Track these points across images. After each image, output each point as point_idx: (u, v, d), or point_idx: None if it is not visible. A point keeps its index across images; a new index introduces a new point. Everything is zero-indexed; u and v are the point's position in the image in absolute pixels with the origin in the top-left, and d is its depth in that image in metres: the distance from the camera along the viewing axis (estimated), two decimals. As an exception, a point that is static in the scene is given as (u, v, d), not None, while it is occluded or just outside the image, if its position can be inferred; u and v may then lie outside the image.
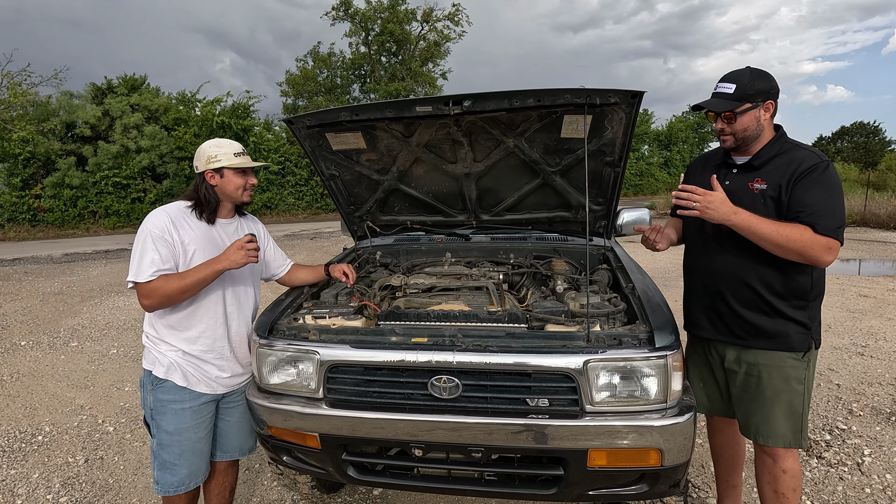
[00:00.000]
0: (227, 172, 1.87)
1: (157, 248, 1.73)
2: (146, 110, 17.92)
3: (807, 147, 1.76)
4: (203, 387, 1.85)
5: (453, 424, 1.65)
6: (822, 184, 1.65)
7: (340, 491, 2.54)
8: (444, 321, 1.88)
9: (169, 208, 1.84)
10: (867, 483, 2.52)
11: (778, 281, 1.74)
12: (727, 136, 1.78)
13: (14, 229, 15.88)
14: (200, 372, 1.84)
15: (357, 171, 2.67)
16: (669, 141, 30.17)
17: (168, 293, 1.71)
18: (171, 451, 1.81)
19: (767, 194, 1.72)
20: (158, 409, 1.81)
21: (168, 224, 1.77)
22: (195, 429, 1.84)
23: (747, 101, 1.71)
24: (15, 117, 15.63)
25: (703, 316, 1.93)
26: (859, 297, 6.10)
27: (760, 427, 1.81)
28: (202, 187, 1.87)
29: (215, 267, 1.75)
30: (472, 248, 2.93)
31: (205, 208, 1.87)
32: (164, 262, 1.73)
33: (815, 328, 1.79)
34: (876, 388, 3.61)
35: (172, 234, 1.76)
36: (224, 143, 1.90)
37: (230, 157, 1.86)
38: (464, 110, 2.09)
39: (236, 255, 1.75)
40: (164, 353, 1.81)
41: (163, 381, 1.80)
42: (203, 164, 1.87)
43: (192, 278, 1.73)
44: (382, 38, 23.94)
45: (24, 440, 3.15)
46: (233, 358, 1.92)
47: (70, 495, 2.58)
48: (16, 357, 4.69)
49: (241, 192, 1.91)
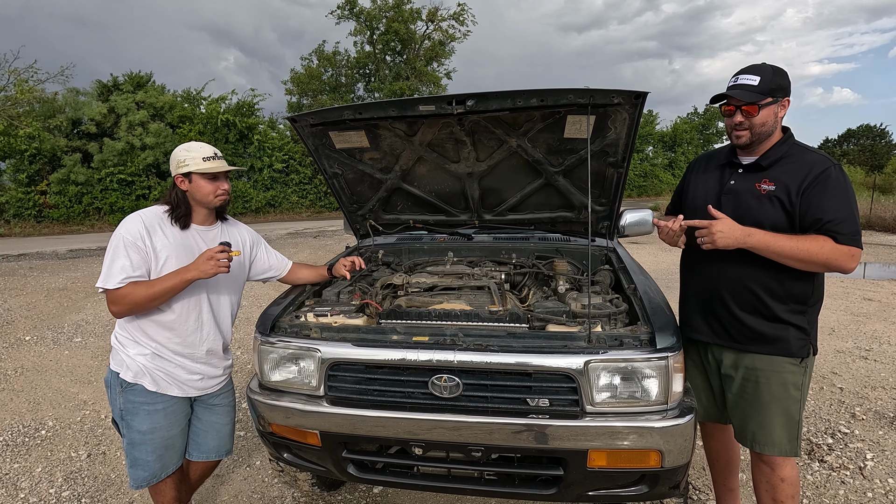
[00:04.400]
0: (196, 178, 1.83)
1: (128, 254, 1.71)
2: (151, 108, 17.99)
3: (815, 150, 1.72)
4: (175, 390, 1.84)
5: (453, 423, 1.65)
6: (838, 189, 1.61)
7: (341, 489, 2.54)
8: (446, 320, 1.88)
9: (145, 213, 1.81)
10: (869, 487, 2.51)
11: (779, 285, 1.71)
12: (743, 132, 1.71)
13: (20, 225, 15.98)
14: (170, 376, 1.83)
15: (360, 170, 2.68)
16: (674, 142, 30.11)
17: (136, 301, 1.69)
18: (143, 448, 1.81)
19: (775, 195, 1.68)
20: (130, 410, 1.80)
21: (142, 230, 1.75)
22: (169, 427, 1.85)
23: (769, 95, 1.67)
24: (21, 114, 15.72)
25: (700, 319, 1.90)
26: (864, 301, 6.06)
27: (757, 434, 1.78)
28: (173, 192, 1.84)
29: (184, 276, 1.72)
30: (475, 247, 2.93)
31: (176, 213, 1.83)
32: (135, 268, 1.71)
33: (814, 334, 1.77)
34: (879, 391, 3.59)
35: (145, 239, 1.74)
36: (194, 146, 1.85)
37: (198, 162, 1.81)
38: (467, 110, 2.09)
39: (205, 265, 1.71)
40: (133, 356, 1.79)
41: (132, 384, 1.79)
42: (174, 168, 1.84)
43: (161, 287, 1.70)
44: (387, 37, 23.97)
45: (28, 435, 3.17)
46: (205, 362, 1.91)
47: (73, 489, 2.60)
48: (20, 352, 4.72)
49: (211, 198, 1.86)
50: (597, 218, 2.64)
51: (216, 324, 1.94)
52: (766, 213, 1.68)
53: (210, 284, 1.87)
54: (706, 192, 1.86)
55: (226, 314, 1.99)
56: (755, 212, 1.70)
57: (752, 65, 1.73)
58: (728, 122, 1.77)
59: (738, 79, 1.72)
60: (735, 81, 1.72)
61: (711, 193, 1.84)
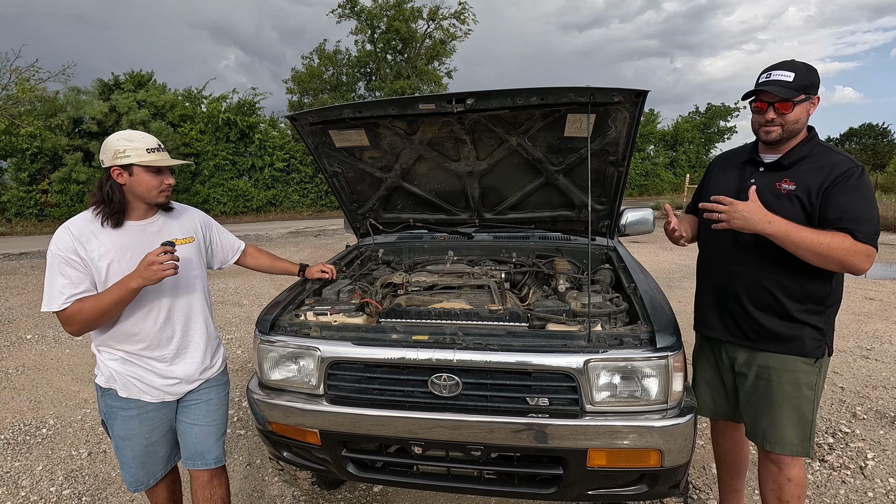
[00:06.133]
0: (138, 170, 1.62)
1: (63, 271, 1.56)
2: (152, 106, 18.00)
3: (839, 151, 1.69)
4: (147, 396, 1.73)
5: (453, 422, 1.65)
6: (860, 189, 1.59)
7: (341, 487, 2.54)
8: (446, 319, 1.88)
9: (73, 223, 1.62)
10: (870, 487, 2.50)
11: (795, 285, 1.69)
12: (774, 128, 1.67)
13: (21, 224, 16.00)
14: (142, 381, 1.71)
15: (360, 169, 2.67)
16: (675, 141, 30.03)
17: (87, 319, 1.56)
18: (124, 454, 1.77)
19: (795, 195, 1.65)
20: (109, 414, 1.74)
21: (72, 242, 1.58)
22: (146, 434, 1.75)
23: (803, 92, 1.63)
24: (23, 113, 15.73)
25: (715, 317, 1.89)
26: (865, 301, 6.05)
27: (768, 432, 1.77)
28: (106, 185, 1.62)
29: (129, 285, 1.54)
30: (475, 246, 2.93)
31: (107, 210, 1.62)
32: (76, 285, 1.56)
33: (830, 335, 1.75)
34: (881, 391, 3.59)
35: (78, 251, 1.57)
36: (135, 135, 1.65)
37: (141, 154, 1.61)
38: (467, 108, 2.09)
39: (147, 271, 1.53)
40: (105, 361, 1.70)
41: (107, 389, 1.73)
42: (109, 158, 1.61)
43: (107, 300, 1.55)
44: (388, 35, 23.95)
45: (29, 433, 3.18)
46: (181, 362, 1.77)
47: (73, 488, 2.60)
48: (21, 350, 4.73)
49: (154, 193, 1.67)
50: (597, 217, 2.63)
51: (184, 317, 1.78)
52: (785, 211, 1.64)
53: (169, 280, 1.67)
54: (727, 190, 1.81)
55: (194, 304, 1.81)
56: (774, 210, 1.66)
57: (784, 61, 1.69)
58: (756, 118, 1.73)
59: (770, 74, 1.68)
60: (768, 77, 1.68)
61: (731, 191, 1.79)
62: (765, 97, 1.67)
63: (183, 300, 1.78)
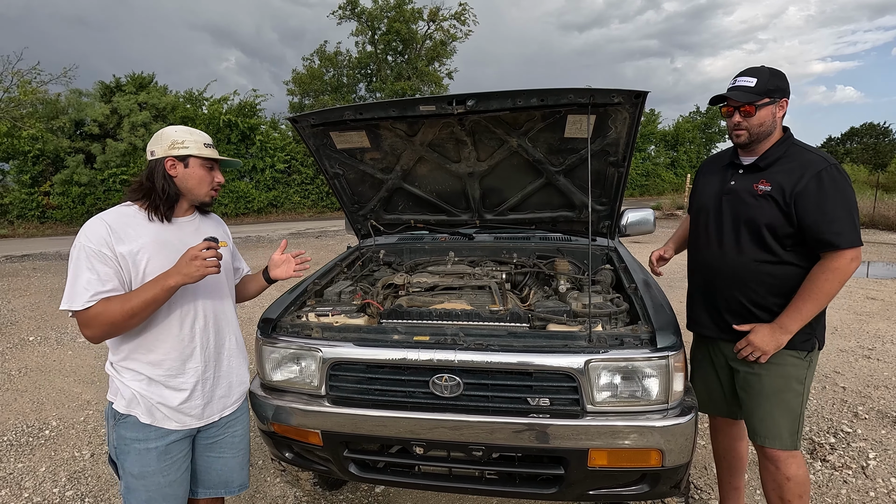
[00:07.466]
0: (194, 163, 1.55)
1: (92, 265, 1.40)
2: (154, 108, 18.02)
3: (813, 150, 1.74)
4: (172, 423, 1.53)
5: (454, 423, 1.66)
6: (835, 188, 1.63)
7: (342, 488, 2.55)
8: (447, 320, 1.89)
9: (108, 215, 1.49)
10: (871, 486, 2.50)
11: (778, 282, 1.74)
12: (742, 132, 1.76)
13: (23, 226, 16.04)
14: (166, 405, 1.52)
15: (361, 170, 2.68)
16: (676, 141, 29.99)
17: (112, 320, 1.38)
18: (137, 496, 1.52)
19: (770, 195, 1.71)
20: (122, 449, 1.52)
21: (106, 234, 1.43)
22: (163, 472, 1.52)
23: (766, 96, 1.71)
24: (25, 115, 15.77)
25: (705, 314, 1.94)
26: (867, 300, 6.04)
27: (758, 427, 1.81)
28: (159, 176, 1.52)
29: (166, 283, 1.40)
30: (476, 247, 2.93)
31: (161, 203, 1.52)
32: (104, 282, 1.40)
33: (819, 329, 1.78)
34: (882, 391, 3.58)
35: (113, 246, 1.43)
36: (193, 129, 1.59)
37: (200, 147, 1.55)
38: (467, 110, 2.10)
39: (188, 267, 1.40)
40: (127, 382, 1.50)
41: (125, 416, 1.50)
42: (164, 149, 1.53)
43: (139, 299, 1.39)
44: (389, 37, 23.97)
45: (32, 434, 3.19)
46: (211, 380, 1.60)
47: (76, 489, 2.61)
48: (24, 352, 4.74)
49: (206, 189, 1.60)
50: (598, 217, 2.64)
51: (219, 332, 1.64)
52: (762, 212, 1.72)
53: (202, 284, 1.56)
54: (712, 193, 1.91)
55: (228, 319, 1.69)
56: (751, 210, 1.74)
57: (750, 67, 1.78)
58: (728, 122, 1.81)
59: (735, 81, 1.78)
60: (733, 83, 1.78)
61: (714, 194, 1.90)
62: (731, 102, 1.76)
63: (217, 308, 1.64)
